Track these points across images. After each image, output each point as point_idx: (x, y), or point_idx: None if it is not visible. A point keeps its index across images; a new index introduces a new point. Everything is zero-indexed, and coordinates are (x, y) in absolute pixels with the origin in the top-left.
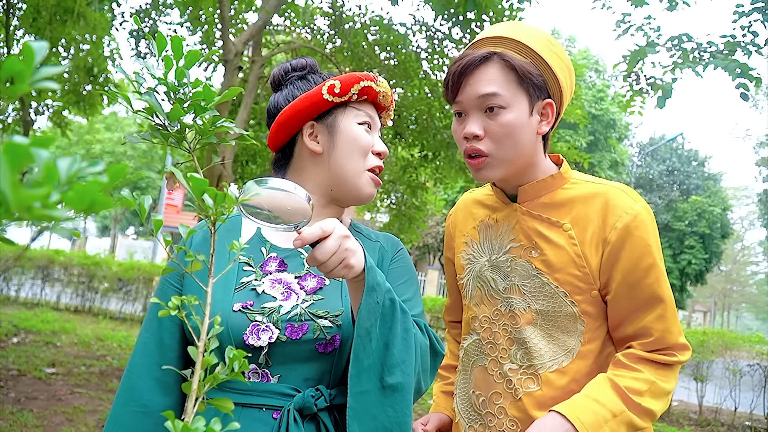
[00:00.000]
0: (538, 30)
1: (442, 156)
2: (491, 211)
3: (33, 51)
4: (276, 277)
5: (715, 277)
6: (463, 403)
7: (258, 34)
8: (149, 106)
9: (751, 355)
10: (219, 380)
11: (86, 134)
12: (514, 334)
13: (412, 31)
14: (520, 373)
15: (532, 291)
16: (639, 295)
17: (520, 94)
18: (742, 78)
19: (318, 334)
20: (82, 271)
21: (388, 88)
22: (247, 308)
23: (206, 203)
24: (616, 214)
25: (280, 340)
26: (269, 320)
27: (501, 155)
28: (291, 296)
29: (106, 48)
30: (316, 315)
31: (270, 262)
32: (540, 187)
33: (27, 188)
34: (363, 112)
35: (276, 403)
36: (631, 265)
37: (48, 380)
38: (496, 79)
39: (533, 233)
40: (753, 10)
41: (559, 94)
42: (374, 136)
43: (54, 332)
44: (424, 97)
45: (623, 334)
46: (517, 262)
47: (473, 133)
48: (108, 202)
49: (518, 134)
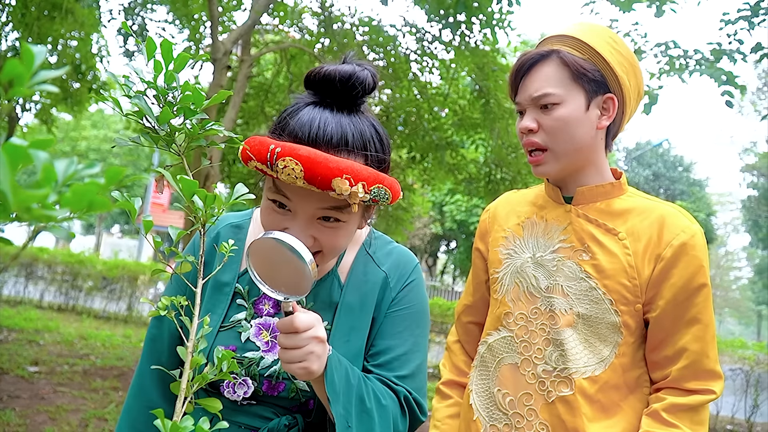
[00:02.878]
0: (600, 27)
1: (430, 158)
2: (539, 209)
3: (33, 54)
4: (265, 322)
5: None
6: (484, 400)
7: (247, 33)
8: (139, 109)
9: (733, 360)
10: (207, 380)
11: (72, 131)
12: (552, 335)
13: (402, 33)
14: (554, 376)
15: (576, 293)
16: (684, 314)
17: (575, 89)
18: (728, 85)
19: (293, 395)
20: (66, 269)
21: (297, 173)
22: None
23: (196, 205)
24: (672, 231)
25: (256, 393)
26: (247, 372)
27: (558, 148)
28: (275, 348)
29: (95, 45)
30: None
31: (265, 300)
32: (598, 193)
33: (26, 189)
34: (275, 189)
35: (253, 424)
36: (683, 283)
37: (31, 379)
38: (550, 78)
39: (587, 236)
40: (739, 18)
41: (620, 89)
42: (291, 219)
43: (37, 330)
44: (413, 98)
45: (661, 355)
46: (564, 262)
47: (527, 127)
48: (106, 203)
49: (573, 127)
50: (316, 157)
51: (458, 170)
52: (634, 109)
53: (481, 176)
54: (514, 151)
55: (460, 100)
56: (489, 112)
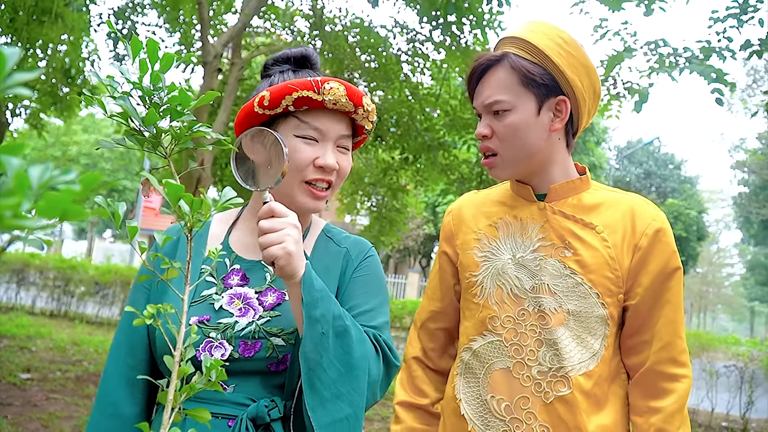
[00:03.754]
0: (551, 28)
1: (423, 158)
2: (510, 209)
3: (4, 57)
4: (236, 292)
5: (691, 279)
6: (476, 408)
7: (237, 36)
8: (124, 110)
9: (727, 357)
10: (195, 390)
11: (63, 136)
12: (544, 335)
13: (393, 34)
14: (549, 376)
15: (564, 291)
16: (660, 298)
17: (525, 95)
18: (717, 83)
19: (270, 352)
20: (57, 275)
21: (341, 92)
22: (203, 323)
23: (182, 209)
24: (644, 221)
25: (232, 356)
26: (223, 337)
27: (508, 154)
28: (248, 312)
29: (84, 49)
30: (270, 333)
31: (232, 275)
32: (569, 188)
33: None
34: (306, 124)
35: (231, 412)
36: (659, 269)
37: (23, 386)
38: (500, 84)
39: (566, 233)
40: (728, 16)
41: (572, 90)
42: (322, 148)
43: (29, 337)
44: (404, 99)
45: (639, 340)
46: (547, 260)
47: (481, 133)
48: (80, 211)
49: (524, 133)
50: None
51: (450, 170)
52: (593, 107)
53: (473, 176)
54: None
55: (451, 100)
56: None
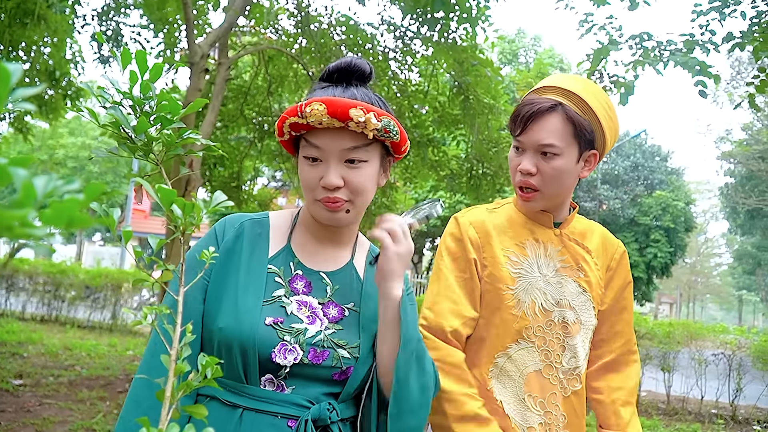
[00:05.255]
0: (599, 90)
1: (412, 155)
2: (530, 232)
3: (9, 73)
4: (302, 299)
5: (680, 270)
6: (514, 406)
7: (224, 35)
8: (116, 120)
9: (715, 345)
10: (192, 387)
11: (49, 139)
12: (567, 342)
13: (380, 32)
14: (569, 375)
15: (579, 306)
16: (618, 305)
17: (573, 144)
18: (701, 75)
19: (336, 363)
20: (47, 280)
21: (321, 111)
22: (278, 325)
23: (175, 214)
24: (613, 245)
25: (302, 361)
26: (296, 341)
27: (548, 192)
28: (315, 321)
29: (68, 51)
30: (336, 344)
31: (297, 279)
32: (572, 218)
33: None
34: (309, 145)
35: (291, 413)
36: (621, 283)
37: (16, 392)
38: (556, 130)
39: (579, 257)
40: (710, 9)
41: (603, 147)
42: (325, 168)
43: (20, 343)
44: (392, 96)
45: (598, 338)
46: (567, 280)
47: (528, 170)
48: (86, 219)
49: (565, 177)
50: (334, 98)
51: (440, 167)
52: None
53: (463, 172)
54: (495, 146)
55: (440, 96)
56: (469, 108)
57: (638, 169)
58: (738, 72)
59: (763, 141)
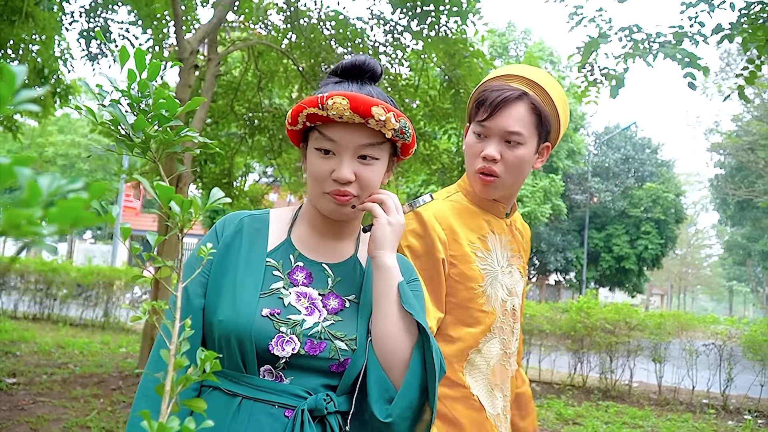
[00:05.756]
0: (558, 85)
1: None
2: (487, 223)
3: (14, 75)
4: (302, 291)
5: (670, 261)
6: (486, 397)
7: (213, 31)
8: (114, 117)
9: (706, 335)
10: (191, 380)
11: (39, 137)
12: (515, 329)
13: (369, 26)
14: (511, 357)
15: (519, 291)
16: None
17: (535, 135)
18: (690, 67)
19: (333, 354)
20: (39, 278)
21: (344, 106)
22: (274, 316)
23: (173, 210)
24: (528, 229)
25: (299, 352)
26: (292, 332)
27: (507, 180)
28: (314, 312)
29: (57, 48)
30: (334, 336)
31: (297, 271)
32: (516, 207)
33: (14, 207)
34: (323, 137)
35: (289, 402)
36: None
37: (9, 390)
38: (522, 119)
39: (520, 245)
40: (699, 1)
41: (555, 141)
42: (338, 161)
43: (13, 341)
44: (383, 90)
45: None
46: (514, 269)
47: (493, 157)
48: (92, 218)
49: (524, 166)
50: (358, 94)
51: (432, 161)
52: None
53: (455, 165)
54: None
55: (430, 90)
56: (460, 102)
57: (628, 162)
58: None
59: (752, 132)
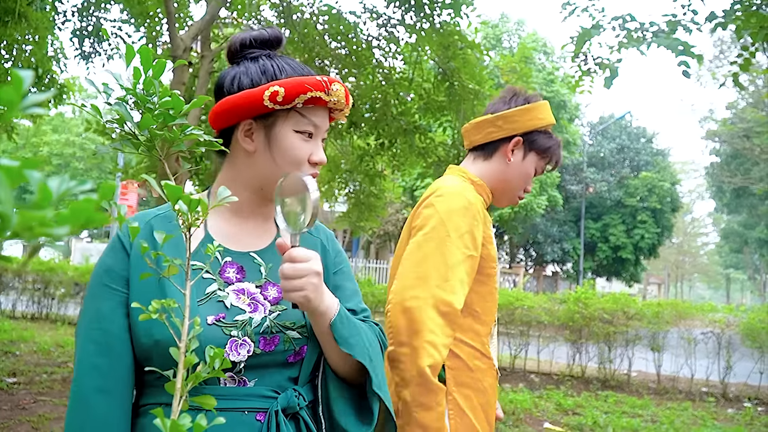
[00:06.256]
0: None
1: (398, 143)
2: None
3: (21, 79)
4: (238, 288)
5: (667, 250)
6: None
7: (206, 28)
8: (120, 115)
9: (704, 324)
10: (201, 378)
11: (33, 137)
12: None
13: (362, 20)
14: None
15: None
16: None
17: None
18: (684, 55)
19: (288, 346)
20: (37, 278)
21: (342, 93)
22: (221, 321)
23: (181, 210)
24: None
25: (255, 352)
26: (243, 333)
27: None
28: (258, 308)
29: (50, 48)
30: (284, 327)
31: (227, 268)
32: None
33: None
34: (306, 120)
35: (259, 405)
36: None
37: (10, 390)
38: None
39: None
40: None
41: None
42: (315, 144)
43: (12, 341)
44: (378, 84)
45: None
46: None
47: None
48: (104, 218)
49: None
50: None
51: (427, 154)
52: None
53: (450, 158)
54: None
55: (425, 83)
56: (454, 94)
57: (624, 151)
58: (721, 51)
59: (747, 119)
